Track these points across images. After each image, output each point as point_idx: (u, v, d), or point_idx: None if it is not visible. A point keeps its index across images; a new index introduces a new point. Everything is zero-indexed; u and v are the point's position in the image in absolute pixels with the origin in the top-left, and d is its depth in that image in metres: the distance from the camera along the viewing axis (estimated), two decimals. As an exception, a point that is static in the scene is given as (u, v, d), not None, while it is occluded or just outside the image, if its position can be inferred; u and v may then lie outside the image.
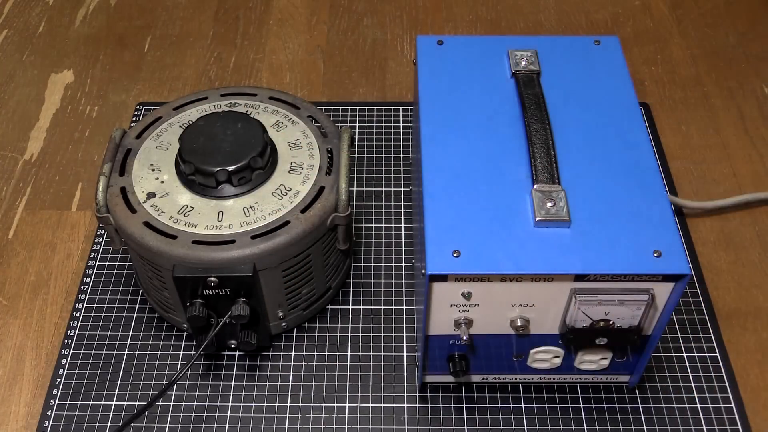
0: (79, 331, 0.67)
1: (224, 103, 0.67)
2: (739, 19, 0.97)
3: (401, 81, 0.90)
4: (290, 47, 0.95)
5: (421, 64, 0.65)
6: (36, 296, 0.70)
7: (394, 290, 0.69)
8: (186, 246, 0.56)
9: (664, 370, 0.63)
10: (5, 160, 0.82)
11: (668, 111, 0.86)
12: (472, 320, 0.55)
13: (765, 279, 0.71)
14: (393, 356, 0.65)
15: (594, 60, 0.65)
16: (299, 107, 0.67)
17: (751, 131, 0.84)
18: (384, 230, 0.74)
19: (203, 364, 0.65)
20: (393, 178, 0.78)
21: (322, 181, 0.61)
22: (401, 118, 0.85)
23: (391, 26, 0.98)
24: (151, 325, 0.67)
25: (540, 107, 0.60)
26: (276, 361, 0.65)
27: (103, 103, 0.89)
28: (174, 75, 0.92)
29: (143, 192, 0.60)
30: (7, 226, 0.76)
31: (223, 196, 0.59)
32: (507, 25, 0.98)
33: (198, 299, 0.58)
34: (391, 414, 0.61)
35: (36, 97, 0.89)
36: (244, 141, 0.60)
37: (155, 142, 0.64)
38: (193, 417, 0.61)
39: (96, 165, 0.82)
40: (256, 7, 1.01)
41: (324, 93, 0.89)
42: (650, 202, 0.54)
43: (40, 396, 0.63)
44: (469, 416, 0.61)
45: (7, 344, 0.67)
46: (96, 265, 0.72)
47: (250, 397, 0.62)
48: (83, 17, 1.00)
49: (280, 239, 0.57)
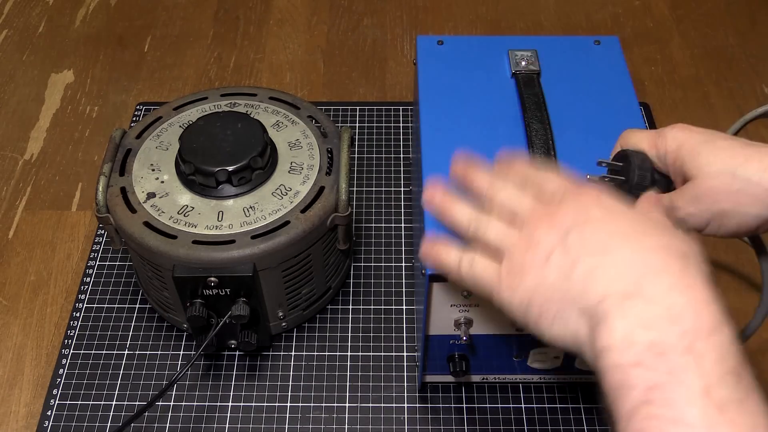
0: (79, 331, 0.67)
1: (224, 103, 0.67)
2: (739, 19, 0.97)
3: (401, 81, 0.90)
4: (290, 47, 0.95)
5: (421, 64, 0.65)
6: (36, 296, 0.70)
7: (394, 290, 0.69)
8: (186, 246, 0.56)
9: (664, 370, 0.63)
10: (5, 160, 0.82)
11: (668, 111, 0.86)
12: (472, 320, 0.55)
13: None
14: (393, 356, 0.65)
15: (594, 60, 0.65)
16: (299, 107, 0.67)
17: (751, 131, 0.84)
18: (384, 230, 0.74)
19: (203, 364, 0.65)
20: (393, 178, 0.78)
21: (322, 181, 0.61)
22: (401, 118, 0.85)
23: (391, 26, 0.98)
24: (151, 325, 0.67)
25: (540, 107, 0.60)
26: (276, 361, 0.65)
27: (103, 103, 0.89)
28: (174, 75, 0.92)
29: (143, 192, 0.60)
30: (7, 226, 0.76)
31: (223, 196, 0.59)
32: (507, 25, 0.98)
33: (198, 299, 0.58)
34: (391, 414, 0.61)
35: (36, 97, 0.89)
36: (244, 141, 0.60)
37: (155, 142, 0.64)
38: (193, 417, 0.61)
39: (96, 165, 0.82)
40: (256, 7, 1.01)
41: (324, 93, 0.89)
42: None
43: (40, 396, 0.63)
44: (469, 416, 0.61)
45: (7, 344, 0.67)
46: (96, 265, 0.72)
47: (250, 397, 0.62)
48: (83, 17, 1.00)
49: (280, 239, 0.57)
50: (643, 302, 0.35)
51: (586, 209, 0.40)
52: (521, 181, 0.45)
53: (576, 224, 0.40)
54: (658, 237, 0.38)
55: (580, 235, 0.39)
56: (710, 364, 0.33)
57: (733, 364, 0.33)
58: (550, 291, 0.39)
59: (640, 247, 0.38)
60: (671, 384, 0.32)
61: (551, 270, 0.39)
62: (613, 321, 0.35)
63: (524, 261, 0.41)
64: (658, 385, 0.33)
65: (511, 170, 0.47)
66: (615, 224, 0.39)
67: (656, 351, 0.33)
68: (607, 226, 0.39)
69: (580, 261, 0.38)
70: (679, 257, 0.37)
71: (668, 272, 0.36)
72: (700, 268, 0.37)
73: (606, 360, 0.35)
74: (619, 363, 0.34)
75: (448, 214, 0.47)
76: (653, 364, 0.33)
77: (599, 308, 0.36)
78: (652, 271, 0.36)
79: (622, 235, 0.39)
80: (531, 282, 0.40)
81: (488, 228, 0.44)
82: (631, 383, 0.33)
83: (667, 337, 0.34)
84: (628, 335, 0.35)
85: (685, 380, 0.32)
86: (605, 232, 0.39)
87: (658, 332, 0.34)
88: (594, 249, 0.38)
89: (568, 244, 0.39)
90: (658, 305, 0.35)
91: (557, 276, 0.39)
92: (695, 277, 0.36)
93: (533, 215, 0.42)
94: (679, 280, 0.36)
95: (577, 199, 0.41)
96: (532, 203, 0.43)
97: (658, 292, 0.35)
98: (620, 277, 0.37)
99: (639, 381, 0.33)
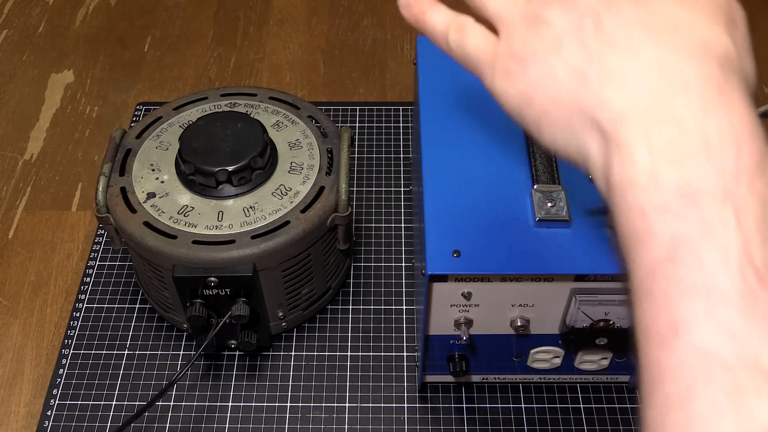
0: (79, 331, 0.67)
1: (224, 103, 0.67)
2: (739, 19, 0.97)
3: (401, 81, 0.90)
4: (290, 47, 0.95)
5: (421, 64, 0.65)
6: (36, 296, 0.70)
7: (394, 290, 0.69)
8: (186, 246, 0.56)
9: (664, 370, 0.63)
10: (5, 160, 0.82)
11: (668, 111, 0.86)
12: (472, 320, 0.55)
13: (765, 279, 0.71)
14: (393, 356, 0.65)
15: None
16: (299, 107, 0.67)
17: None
18: (384, 230, 0.74)
19: (203, 364, 0.64)
20: (393, 178, 0.78)
21: (322, 181, 0.61)
22: (401, 118, 0.85)
23: (391, 26, 0.98)
24: (151, 325, 0.67)
25: (540, 107, 0.60)
26: (276, 361, 0.65)
27: (103, 103, 0.89)
28: (174, 75, 0.92)
29: (143, 192, 0.60)
30: (7, 226, 0.76)
31: (223, 196, 0.59)
32: (507, 25, 0.98)
33: (198, 299, 0.58)
34: (391, 414, 0.61)
35: (36, 97, 0.89)
36: (244, 141, 0.60)
37: (155, 142, 0.64)
38: (193, 417, 0.61)
39: (96, 165, 0.82)
40: (256, 7, 1.01)
41: (324, 93, 0.89)
42: (650, 202, 0.54)
43: (40, 396, 0.63)
44: (469, 416, 0.61)
45: (7, 344, 0.67)
46: (96, 265, 0.72)
47: (250, 397, 0.62)
48: (83, 17, 1.00)
49: (280, 239, 0.57)
50: (673, 126, 0.28)
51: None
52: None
53: (596, 4, 0.31)
54: (700, 31, 0.30)
55: (602, 22, 0.31)
56: (753, 218, 0.26)
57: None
58: (557, 89, 0.32)
59: (675, 47, 0.29)
60: (704, 240, 0.26)
61: (562, 61, 0.32)
62: (634, 149, 0.28)
63: (528, 43, 0.33)
64: (688, 239, 0.26)
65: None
66: (649, 9, 0.31)
67: (688, 194, 0.26)
68: (638, 11, 0.31)
69: (598, 58, 0.30)
70: (720, 64, 0.29)
71: (706, 86, 0.28)
72: (744, 78, 0.29)
73: (622, 198, 0.28)
74: (639, 205, 0.27)
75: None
76: (683, 211, 0.26)
77: (617, 127, 0.29)
78: (685, 84, 0.28)
79: (655, 28, 0.30)
80: (535, 72, 0.33)
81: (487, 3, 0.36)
82: (653, 232, 0.27)
83: (702, 178, 0.26)
84: (652, 170, 0.27)
85: (722, 237, 0.25)
86: (635, 22, 0.30)
87: (691, 169, 0.27)
88: (618, 44, 0.30)
89: (585, 32, 0.31)
90: (691, 132, 0.27)
91: (568, 72, 0.31)
92: (737, 93, 0.28)
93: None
94: (719, 97, 0.28)
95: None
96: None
97: (692, 113, 0.28)
98: (646, 89, 0.29)
99: (663, 231, 0.27)
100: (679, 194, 0.27)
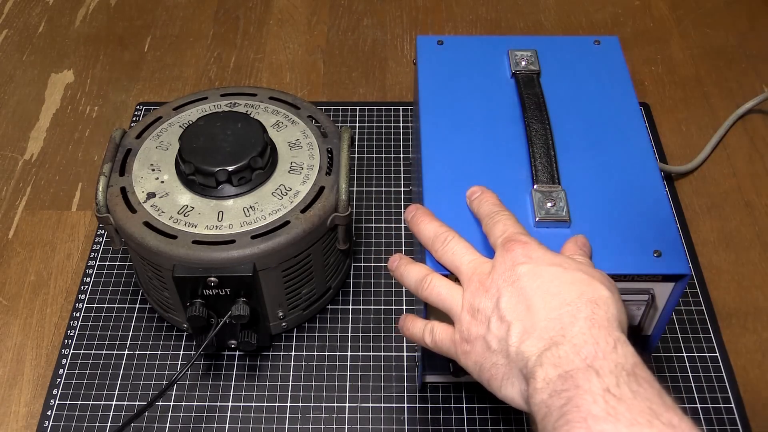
0: (79, 331, 0.67)
1: (224, 103, 0.67)
2: (739, 19, 0.97)
3: (401, 81, 0.90)
4: (290, 47, 0.95)
5: (421, 64, 0.65)
6: (36, 296, 0.70)
7: (394, 290, 0.69)
8: (186, 246, 0.56)
9: (664, 370, 0.63)
10: (5, 160, 0.82)
11: (668, 111, 0.86)
12: (472, 320, 0.55)
13: (765, 279, 0.71)
14: (393, 356, 0.65)
15: (594, 60, 0.65)
16: (299, 107, 0.67)
17: (751, 131, 0.84)
18: (384, 230, 0.74)
19: (203, 364, 0.65)
20: (393, 178, 0.78)
21: (322, 181, 0.61)
22: (401, 118, 0.85)
23: (391, 26, 0.98)
24: (151, 325, 0.67)
25: (540, 107, 0.60)
26: (276, 361, 0.65)
27: (103, 103, 0.89)
28: (174, 75, 0.92)
29: (143, 192, 0.60)
30: (7, 226, 0.76)
31: (223, 196, 0.59)
32: (507, 25, 0.98)
33: (198, 299, 0.58)
34: (391, 414, 0.61)
35: (36, 97, 0.89)
36: (244, 141, 0.60)
37: (155, 142, 0.64)
38: (193, 417, 0.61)
39: (96, 165, 0.82)
40: (256, 7, 1.01)
41: (324, 93, 0.89)
42: (650, 202, 0.54)
43: (40, 396, 0.63)
44: (469, 416, 0.61)
45: (7, 344, 0.67)
46: (96, 265, 0.72)
47: (250, 397, 0.62)
48: (83, 17, 1.00)
49: (280, 239, 0.57)
50: (557, 347, 0.41)
51: (514, 267, 0.46)
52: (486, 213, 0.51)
53: (506, 285, 0.45)
54: (576, 287, 0.44)
55: (509, 298, 0.45)
56: (608, 372, 0.39)
57: (630, 369, 0.39)
58: (495, 357, 0.45)
59: (558, 302, 0.43)
60: (578, 394, 0.38)
61: (492, 338, 0.45)
62: (535, 373, 0.41)
63: (470, 329, 0.47)
64: (570, 398, 0.38)
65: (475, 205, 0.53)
66: (539, 280, 0.45)
67: (565, 377, 0.40)
68: (532, 282, 0.45)
69: (512, 326, 0.44)
70: (588, 305, 0.43)
71: (580, 319, 0.42)
72: (606, 310, 0.43)
73: (532, 405, 0.41)
74: (542, 399, 0.40)
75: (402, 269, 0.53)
76: (564, 386, 0.39)
77: (529, 367, 0.42)
78: (569, 323, 0.42)
79: (545, 292, 0.44)
80: (479, 349, 0.46)
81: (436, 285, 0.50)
82: (551, 409, 0.39)
83: (572, 364, 0.40)
84: (545, 377, 0.40)
85: (589, 387, 0.38)
86: (531, 291, 0.44)
87: (566, 364, 0.40)
88: (522, 311, 0.44)
89: (501, 310, 0.45)
90: (565, 345, 0.41)
91: (498, 343, 0.45)
92: (601, 318, 0.42)
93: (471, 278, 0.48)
94: (587, 323, 0.42)
95: (506, 255, 0.47)
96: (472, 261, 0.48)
97: (572, 336, 0.42)
98: (544, 335, 0.43)
99: (556, 404, 0.39)
100: (560, 379, 0.40)
